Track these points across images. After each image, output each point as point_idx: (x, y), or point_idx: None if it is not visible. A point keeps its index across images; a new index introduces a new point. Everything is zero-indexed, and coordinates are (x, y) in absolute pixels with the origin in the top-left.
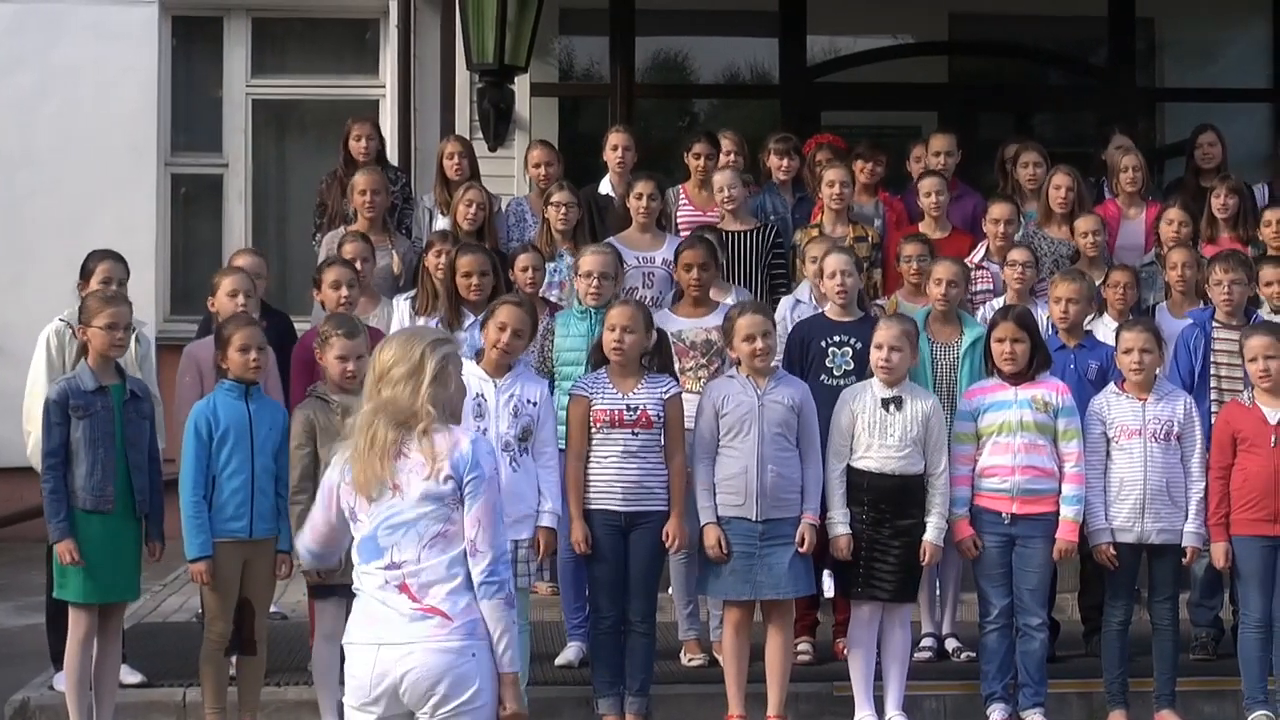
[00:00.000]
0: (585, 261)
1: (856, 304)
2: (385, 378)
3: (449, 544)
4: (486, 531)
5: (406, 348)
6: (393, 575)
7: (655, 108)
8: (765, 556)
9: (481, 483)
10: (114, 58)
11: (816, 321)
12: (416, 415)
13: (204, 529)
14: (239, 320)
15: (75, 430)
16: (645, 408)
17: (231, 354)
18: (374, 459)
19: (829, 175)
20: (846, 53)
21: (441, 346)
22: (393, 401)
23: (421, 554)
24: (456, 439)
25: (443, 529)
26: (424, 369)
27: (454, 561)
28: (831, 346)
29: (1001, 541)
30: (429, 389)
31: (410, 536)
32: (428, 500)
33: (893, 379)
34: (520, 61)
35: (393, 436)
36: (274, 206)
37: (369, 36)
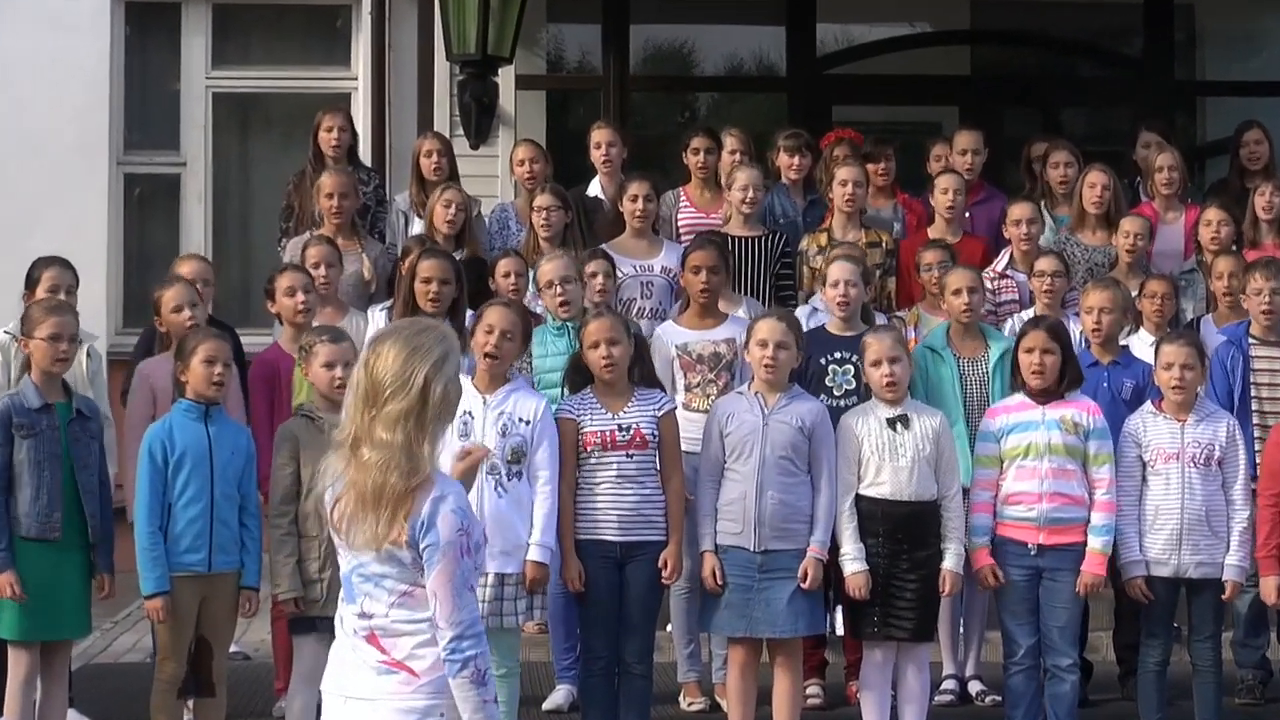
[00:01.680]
0: (544, 271)
1: (861, 316)
2: (379, 408)
3: (417, 603)
4: (445, 605)
5: (405, 371)
6: (362, 625)
7: (651, 102)
8: (763, 590)
9: (436, 551)
10: (61, 48)
11: (815, 336)
12: (418, 467)
13: (160, 562)
14: (205, 332)
15: (18, 451)
16: (639, 427)
17: (195, 365)
18: (377, 516)
19: (841, 174)
20: (859, 42)
21: (444, 366)
22: (397, 449)
23: (390, 610)
24: (421, 498)
25: (409, 589)
26: (427, 404)
27: (424, 619)
28: (832, 364)
29: (1027, 575)
30: (432, 427)
31: (380, 590)
32: (390, 562)
33: (899, 395)
34: (505, 52)
35: (402, 489)
36: (236, 209)
37: (340, 24)
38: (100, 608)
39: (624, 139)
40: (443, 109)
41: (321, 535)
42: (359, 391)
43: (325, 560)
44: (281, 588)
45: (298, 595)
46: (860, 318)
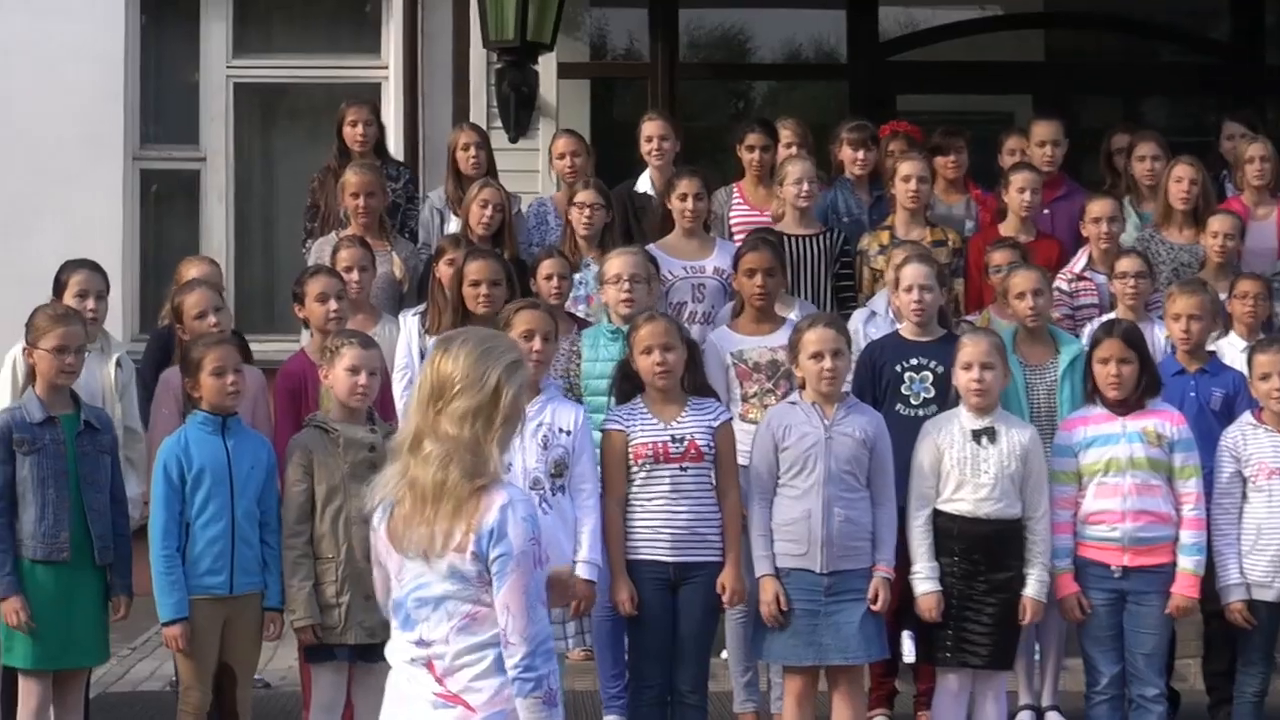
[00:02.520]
0: (613, 264)
1: (938, 321)
2: (446, 403)
3: (481, 626)
4: (518, 619)
5: (477, 370)
6: (420, 653)
7: (702, 91)
8: (832, 615)
9: (509, 561)
10: (72, 36)
11: (890, 342)
12: (482, 469)
13: (178, 586)
14: (209, 339)
15: (21, 468)
16: (693, 438)
17: (204, 379)
18: (437, 514)
19: (904, 168)
20: (925, 26)
21: (517, 373)
22: (462, 445)
23: (450, 636)
24: (493, 499)
25: (472, 610)
26: (498, 405)
27: (487, 644)
28: (908, 371)
29: (1110, 599)
30: (500, 430)
31: (439, 614)
32: (453, 578)
33: (987, 403)
34: (545, 38)
35: (467, 488)
36: (259, 207)
37: (369, 9)
38: (118, 632)
39: (677, 131)
40: (479, 100)
41: (339, 557)
42: (423, 391)
43: (343, 584)
44: (298, 614)
45: (315, 622)
46: (937, 322)
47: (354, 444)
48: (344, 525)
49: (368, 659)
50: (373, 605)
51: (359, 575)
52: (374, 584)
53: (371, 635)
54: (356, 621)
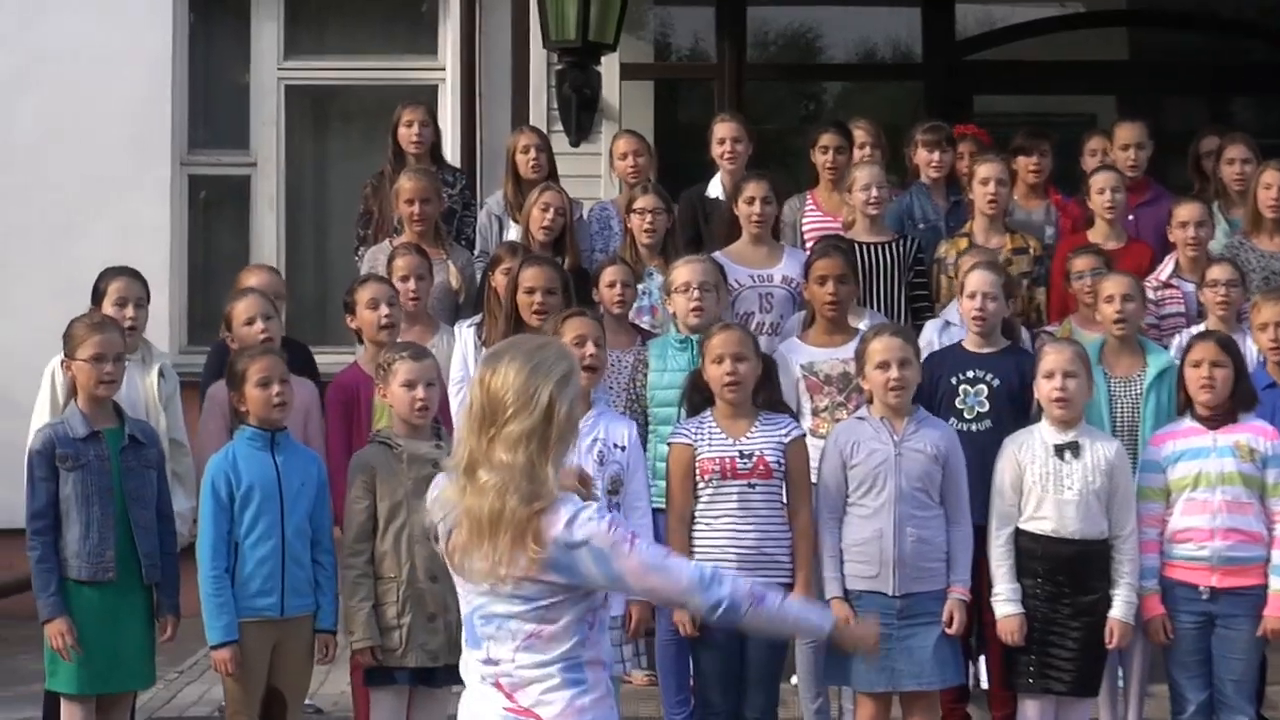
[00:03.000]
0: (680, 273)
1: (1001, 332)
2: (499, 428)
3: (547, 644)
4: (664, 589)
5: (528, 389)
6: (488, 671)
7: (770, 93)
8: (906, 639)
9: (611, 561)
10: (117, 35)
11: (949, 353)
12: (540, 491)
13: (227, 609)
14: (253, 350)
15: (64, 485)
16: (762, 454)
17: (250, 391)
18: (497, 545)
19: (982, 171)
20: (1003, 24)
21: (568, 385)
22: (518, 471)
23: (517, 655)
24: (556, 518)
25: (537, 629)
26: (551, 424)
27: (553, 661)
28: (964, 384)
29: (1198, 621)
30: (556, 448)
31: (505, 632)
32: (519, 599)
33: (1071, 415)
34: (608, 38)
35: (523, 515)
36: (312, 214)
37: (425, 9)
38: (165, 655)
39: (749, 134)
40: (539, 102)
41: (400, 577)
42: (473, 412)
43: (404, 604)
44: (357, 635)
45: (374, 644)
46: (1001, 333)
47: (418, 460)
48: (407, 544)
49: (429, 683)
50: (435, 627)
51: (421, 596)
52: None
53: (434, 658)
54: (418, 644)
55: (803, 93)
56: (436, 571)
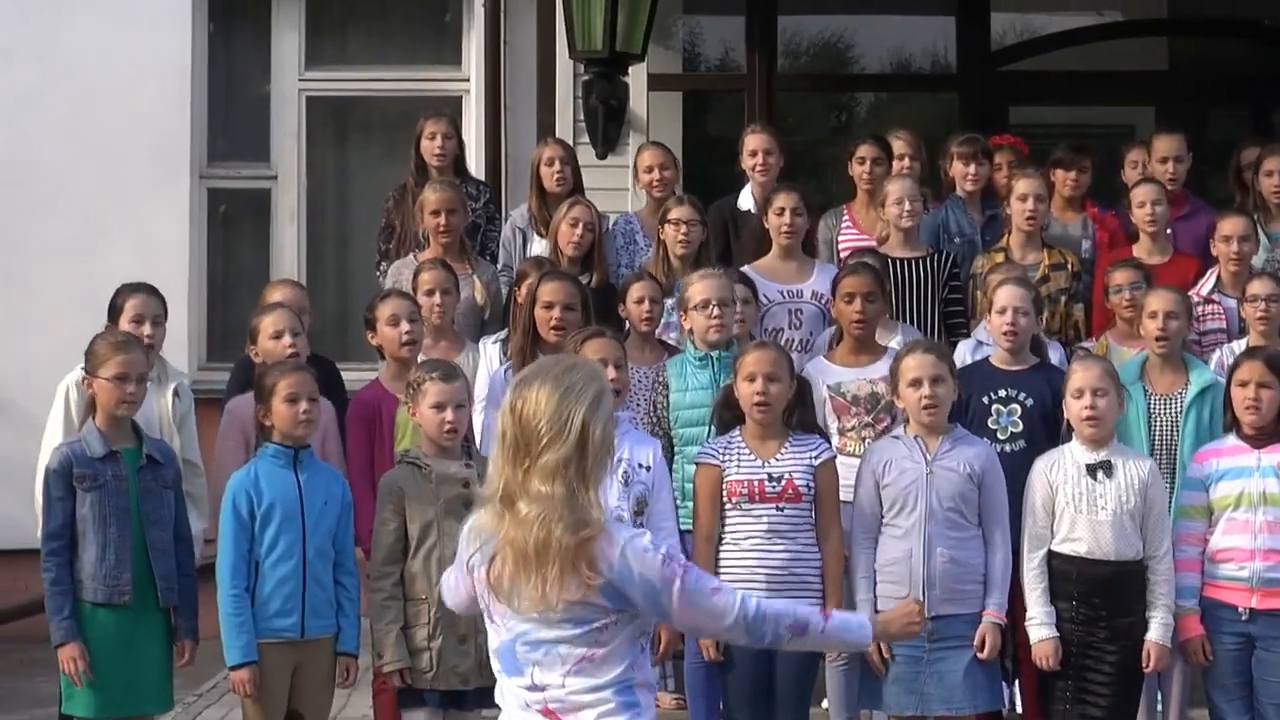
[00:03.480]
0: (697, 289)
1: (1030, 349)
2: (534, 459)
3: (599, 668)
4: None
5: (560, 414)
6: (534, 698)
7: (801, 104)
8: (936, 662)
9: (659, 594)
10: (137, 46)
11: (979, 371)
12: (586, 519)
13: (246, 628)
14: (283, 365)
15: (81, 505)
16: (791, 476)
17: (277, 406)
18: (544, 575)
19: (1020, 186)
20: (1040, 34)
21: (601, 405)
22: (559, 501)
23: (567, 680)
24: (600, 553)
25: (589, 653)
26: (587, 449)
27: (606, 685)
28: (996, 403)
29: (1238, 643)
30: (593, 472)
31: (553, 658)
32: (570, 623)
33: (1102, 433)
34: (636, 48)
35: (571, 544)
36: (333, 227)
37: (449, 19)
38: (182, 678)
39: (781, 146)
40: (565, 113)
41: (431, 598)
42: (506, 442)
43: (435, 626)
44: (386, 658)
45: (404, 666)
46: (1030, 350)
47: (447, 480)
48: (437, 565)
49: (459, 706)
50: (466, 649)
51: (453, 618)
52: (449, 592)
53: (464, 681)
54: (449, 666)
55: (834, 104)
56: None
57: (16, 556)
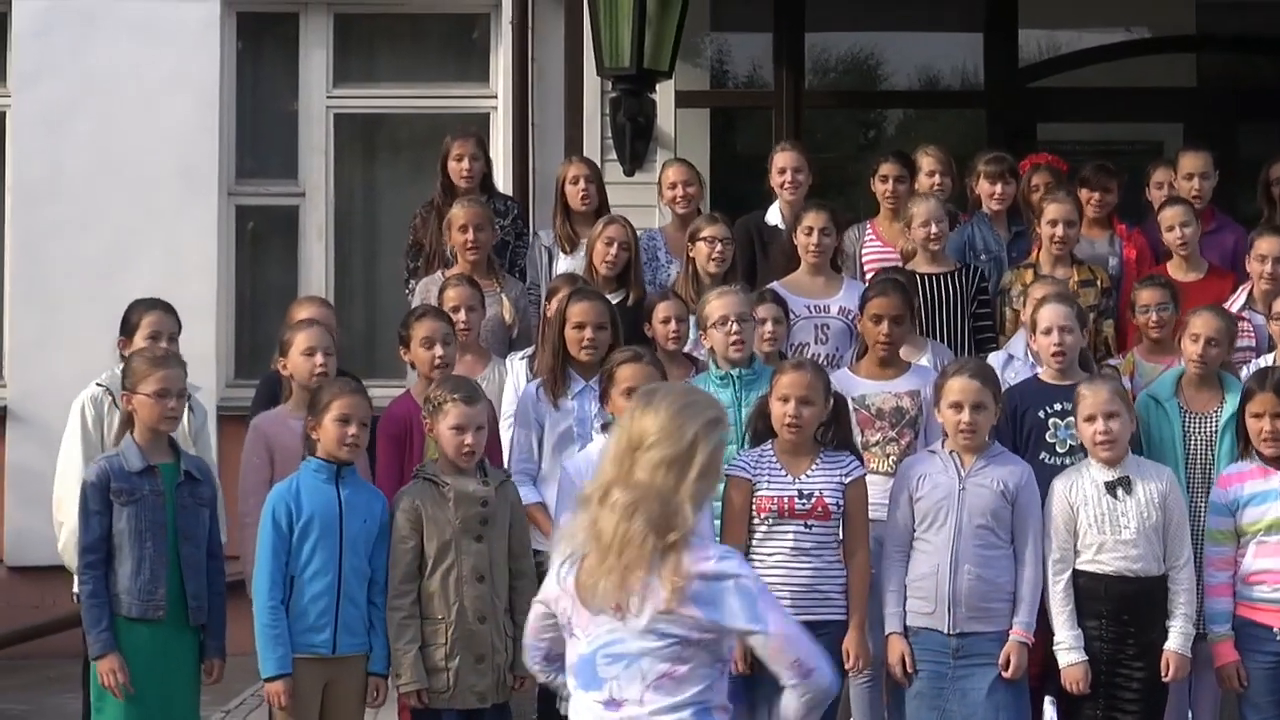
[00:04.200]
0: (715, 306)
1: (1080, 364)
2: (641, 455)
3: (679, 686)
4: (791, 646)
5: (675, 423)
6: (611, 715)
7: (829, 121)
8: (960, 680)
9: (732, 585)
10: (165, 63)
11: (1031, 387)
12: (673, 521)
13: (282, 641)
14: (342, 386)
15: (118, 520)
16: (821, 494)
17: (326, 424)
18: (620, 565)
19: (1051, 211)
20: (1068, 50)
21: (716, 430)
22: (652, 493)
23: (645, 695)
24: (697, 556)
25: (670, 669)
26: (693, 458)
27: (685, 704)
28: (1053, 417)
29: (1272, 664)
30: (694, 485)
31: (633, 672)
32: (655, 635)
33: (1117, 455)
34: (663, 65)
35: (654, 542)
36: (361, 245)
37: (477, 36)
38: (210, 695)
39: (810, 163)
40: (593, 131)
41: (449, 618)
42: (620, 443)
43: (453, 646)
44: (404, 678)
45: (422, 686)
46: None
47: (465, 498)
48: (455, 584)
49: None
50: (484, 668)
51: (470, 637)
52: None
53: (481, 700)
54: (467, 685)
55: (861, 121)
56: (485, 612)
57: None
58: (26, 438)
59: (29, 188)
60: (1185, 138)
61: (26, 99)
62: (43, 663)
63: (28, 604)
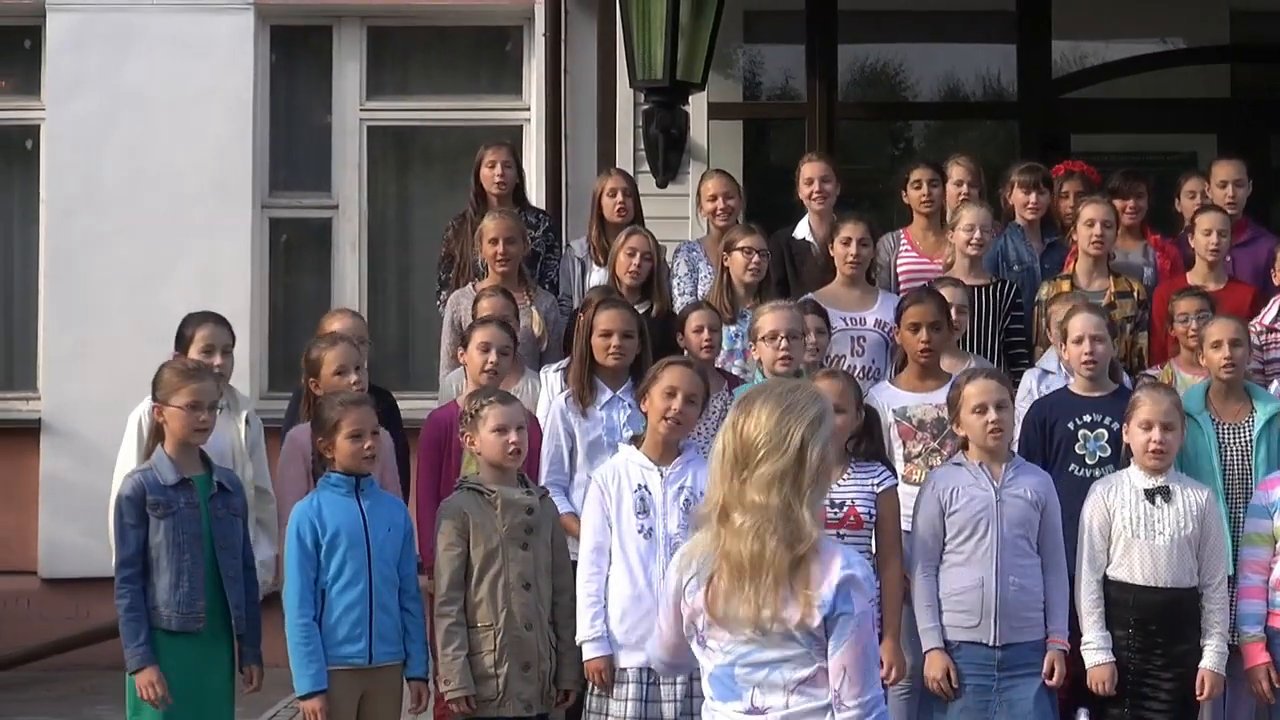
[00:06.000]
0: (767, 320)
1: (1109, 375)
2: (751, 470)
3: (820, 688)
4: (855, 684)
5: (779, 431)
6: None
7: (863, 132)
8: (1006, 691)
9: (850, 621)
10: (199, 76)
11: (1061, 399)
12: (799, 534)
13: (316, 657)
14: (345, 399)
15: (155, 533)
16: (854, 504)
17: (340, 442)
18: (757, 589)
19: (1088, 212)
20: (1102, 61)
21: (822, 427)
22: (773, 513)
23: (790, 700)
24: (826, 563)
25: (811, 674)
26: (804, 465)
27: (828, 707)
28: (1082, 429)
29: None
30: (811, 492)
31: (775, 679)
32: (789, 644)
33: (1165, 466)
34: (696, 77)
35: (785, 557)
36: (394, 257)
37: (510, 48)
38: (244, 705)
39: (838, 174)
40: (625, 142)
41: (497, 624)
42: (726, 456)
43: (501, 653)
44: (452, 685)
45: (469, 693)
46: (1109, 376)
47: (512, 505)
48: (503, 591)
49: None
50: (530, 676)
51: (518, 644)
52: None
53: (528, 708)
54: (514, 693)
55: (895, 133)
56: (531, 619)
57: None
58: (61, 451)
59: (64, 201)
60: (1219, 148)
61: (61, 113)
62: (79, 674)
63: (62, 616)
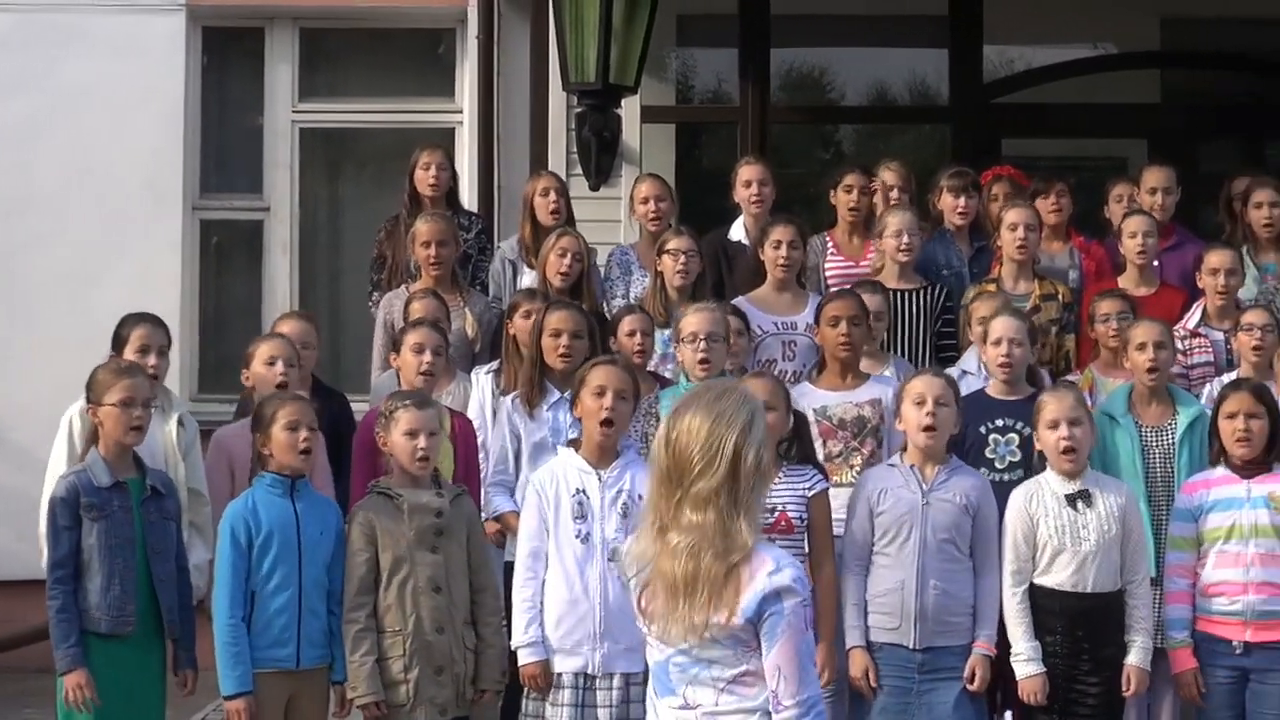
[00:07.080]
0: (689, 322)
1: (1025, 379)
2: (685, 489)
3: (749, 689)
4: (790, 682)
5: (713, 441)
6: (686, 717)
7: (795, 136)
8: (925, 694)
9: (780, 621)
10: (132, 78)
11: (975, 401)
12: (734, 544)
13: (243, 658)
14: (282, 395)
15: (88, 535)
16: (784, 509)
17: (276, 433)
18: (691, 606)
19: (1010, 217)
20: (1033, 66)
21: (755, 430)
22: (709, 530)
23: (720, 698)
24: (755, 568)
25: (743, 671)
26: (739, 475)
27: (759, 708)
28: (993, 433)
29: (1231, 677)
30: (748, 498)
31: (704, 677)
32: (720, 645)
33: (1079, 465)
34: (629, 80)
35: (718, 570)
36: (326, 259)
37: (442, 51)
38: (174, 709)
39: (774, 178)
40: (558, 145)
41: (406, 629)
42: (660, 472)
43: (411, 658)
44: (359, 690)
45: (378, 699)
46: (1026, 380)
47: (419, 510)
48: (411, 596)
49: None
50: (443, 680)
51: (428, 648)
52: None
53: (442, 711)
54: (426, 697)
55: (827, 137)
56: (443, 623)
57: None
58: None
59: (1, 201)
60: (1149, 153)
61: None
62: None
63: None
